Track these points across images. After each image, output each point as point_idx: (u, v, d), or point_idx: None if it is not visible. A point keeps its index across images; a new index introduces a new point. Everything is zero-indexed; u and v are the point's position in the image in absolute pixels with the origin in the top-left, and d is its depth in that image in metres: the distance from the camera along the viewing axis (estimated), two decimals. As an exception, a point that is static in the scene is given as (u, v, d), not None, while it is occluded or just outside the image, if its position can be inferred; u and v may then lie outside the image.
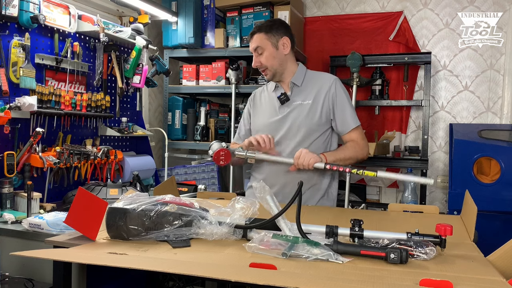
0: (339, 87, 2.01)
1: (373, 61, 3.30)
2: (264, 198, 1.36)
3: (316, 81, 2.04)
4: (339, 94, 2.00)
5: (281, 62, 2.00)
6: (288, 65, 2.03)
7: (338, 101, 1.99)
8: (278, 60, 1.99)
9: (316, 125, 1.99)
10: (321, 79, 2.05)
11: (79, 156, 2.42)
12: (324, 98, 1.99)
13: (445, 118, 3.42)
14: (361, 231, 1.31)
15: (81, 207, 1.37)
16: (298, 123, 2.00)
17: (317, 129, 1.99)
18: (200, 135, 3.38)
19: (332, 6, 3.66)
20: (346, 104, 2.00)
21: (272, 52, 1.98)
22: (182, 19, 3.24)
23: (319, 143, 2.00)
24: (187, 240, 1.33)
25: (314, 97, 2.00)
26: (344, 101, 2.00)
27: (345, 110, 1.99)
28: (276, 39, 1.98)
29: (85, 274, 1.37)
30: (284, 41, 1.99)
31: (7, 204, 2.02)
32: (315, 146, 1.98)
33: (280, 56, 2.00)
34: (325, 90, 2.00)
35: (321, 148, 1.99)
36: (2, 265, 1.79)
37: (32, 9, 2.16)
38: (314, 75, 2.08)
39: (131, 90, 2.89)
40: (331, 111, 1.99)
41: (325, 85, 2.01)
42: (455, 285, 0.96)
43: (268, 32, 1.98)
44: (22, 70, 2.13)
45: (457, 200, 2.75)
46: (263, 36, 1.98)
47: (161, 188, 1.83)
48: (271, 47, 1.98)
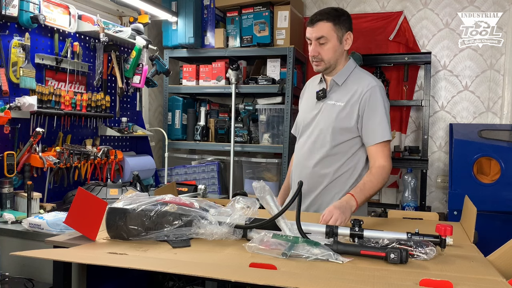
0: (376, 94, 1.83)
1: (373, 61, 3.30)
2: (264, 198, 1.36)
3: (356, 83, 1.88)
4: (373, 101, 1.82)
5: (336, 56, 1.88)
6: (341, 60, 1.91)
7: (370, 109, 1.82)
8: (338, 54, 1.88)
9: (343, 130, 1.85)
10: (361, 82, 1.88)
11: (79, 156, 2.42)
12: (356, 103, 1.84)
13: (445, 118, 3.42)
14: (361, 231, 1.31)
15: (81, 207, 1.38)
16: (324, 124, 1.89)
17: (344, 134, 1.86)
18: (200, 135, 3.38)
19: (332, 6, 3.66)
20: (378, 113, 1.82)
21: (335, 45, 1.86)
22: (182, 19, 3.24)
23: (343, 150, 1.88)
24: (187, 240, 1.33)
25: (348, 100, 1.86)
26: (376, 109, 1.82)
27: (375, 120, 1.82)
28: (342, 32, 1.86)
29: (85, 274, 1.37)
30: (348, 37, 1.88)
31: (7, 204, 2.02)
32: (337, 151, 1.88)
33: (341, 51, 1.88)
34: (359, 95, 1.84)
35: (344, 157, 1.88)
36: (2, 265, 1.79)
37: (32, 9, 2.16)
38: (358, 76, 1.91)
39: (131, 90, 2.88)
40: (361, 118, 1.84)
41: (361, 89, 1.85)
42: (455, 285, 0.96)
43: (336, 23, 1.84)
44: (22, 70, 2.13)
45: (457, 200, 2.75)
46: (331, 27, 1.83)
47: (161, 191, 1.83)
48: (336, 40, 1.85)
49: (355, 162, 1.89)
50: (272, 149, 3.25)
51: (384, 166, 1.79)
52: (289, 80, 3.11)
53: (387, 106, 1.87)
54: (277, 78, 3.25)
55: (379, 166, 1.79)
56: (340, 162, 1.88)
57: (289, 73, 3.12)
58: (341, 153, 1.88)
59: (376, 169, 1.79)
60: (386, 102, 1.88)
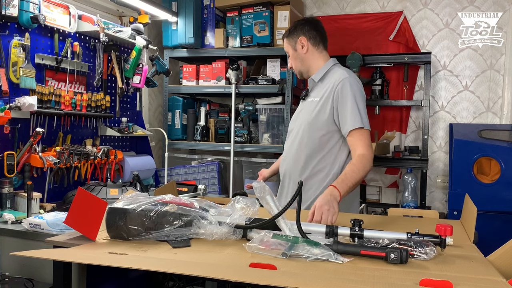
0: (346, 85, 1.89)
1: (373, 61, 3.29)
2: (264, 198, 1.36)
3: (332, 78, 1.97)
4: (345, 91, 1.89)
5: (302, 62, 2.05)
6: (312, 62, 2.04)
7: (342, 99, 1.89)
8: (299, 60, 2.06)
9: (319, 124, 1.94)
10: (335, 76, 1.97)
11: (79, 156, 2.42)
12: (330, 96, 1.92)
13: (445, 118, 3.42)
14: (361, 231, 1.31)
15: (81, 207, 1.38)
16: (303, 120, 2.01)
17: (321, 127, 1.94)
18: (200, 135, 3.38)
19: (332, 6, 3.66)
20: (348, 102, 1.87)
21: (293, 54, 2.07)
22: (182, 19, 3.24)
23: (324, 142, 1.95)
24: (187, 240, 1.33)
25: (322, 95, 1.96)
26: (347, 99, 1.88)
27: (346, 109, 1.87)
28: (294, 41, 2.04)
29: (85, 274, 1.37)
30: (301, 41, 2.02)
31: (7, 204, 2.02)
32: (318, 144, 1.95)
33: (300, 56, 2.05)
34: (332, 88, 1.93)
35: (326, 148, 1.95)
36: (2, 265, 1.79)
37: (32, 9, 2.16)
38: (333, 72, 2.01)
39: (131, 90, 2.88)
40: (336, 111, 1.91)
41: (334, 82, 1.93)
42: (455, 285, 0.96)
43: (287, 36, 2.07)
44: (22, 70, 2.13)
45: (457, 200, 2.75)
46: (286, 42, 2.08)
47: (161, 191, 1.83)
48: (292, 50, 2.06)
49: (334, 156, 1.95)
50: (272, 149, 3.25)
51: (364, 155, 1.81)
52: (289, 80, 3.11)
53: (359, 95, 1.91)
54: (277, 78, 3.25)
55: (358, 155, 1.82)
56: (320, 156, 1.96)
57: (289, 73, 3.12)
58: (321, 148, 1.95)
59: (356, 158, 1.83)
60: (358, 92, 1.92)
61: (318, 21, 2.11)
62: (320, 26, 2.08)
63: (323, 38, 2.06)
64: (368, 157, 1.81)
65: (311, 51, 2.03)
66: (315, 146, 1.96)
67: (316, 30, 2.04)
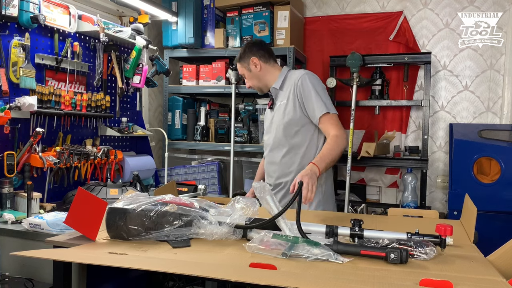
0: (306, 80, 2.09)
1: (373, 61, 3.29)
2: (264, 198, 1.36)
3: (291, 80, 2.15)
4: (305, 86, 2.07)
5: (259, 79, 2.24)
6: (268, 76, 2.22)
7: (304, 93, 2.07)
8: (255, 78, 2.25)
9: (293, 121, 2.10)
10: (293, 76, 2.15)
11: (79, 156, 2.42)
12: (294, 94, 2.10)
13: (445, 118, 3.42)
14: (361, 231, 1.31)
15: (81, 207, 1.38)
16: (278, 124, 2.16)
17: (296, 123, 2.10)
18: (200, 135, 3.38)
19: (332, 6, 3.66)
20: (311, 93, 2.06)
21: (249, 75, 2.25)
22: (182, 19, 3.24)
23: (303, 137, 2.11)
24: (187, 240, 1.33)
25: (288, 96, 2.13)
26: (309, 91, 2.07)
27: (311, 100, 2.06)
28: (247, 63, 2.23)
29: (85, 274, 1.37)
30: (254, 61, 2.21)
31: (7, 204, 2.02)
32: (298, 139, 2.11)
33: (256, 74, 2.23)
34: (294, 87, 2.11)
35: (307, 140, 2.10)
36: (2, 265, 1.79)
37: (32, 9, 2.16)
38: (290, 74, 2.19)
39: (131, 90, 2.88)
40: (303, 105, 2.08)
41: (294, 82, 2.12)
42: (455, 285, 0.96)
43: (240, 61, 2.26)
44: (22, 70, 2.13)
45: (457, 200, 2.75)
46: (239, 65, 2.27)
47: (161, 191, 1.83)
48: (247, 71, 2.25)
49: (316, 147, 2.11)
50: (272, 149, 3.24)
51: (337, 135, 1.99)
52: (289, 80, 3.11)
53: (319, 86, 2.11)
54: (277, 78, 3.24)
55: (332, 136, 2.00)
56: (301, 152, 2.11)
57: (289, 73, 3.12)
58: (299, 143, 2.11)
59: (330, 138, 2.00)
60: (318, 83, 2.12)
61: (262, 41, 2.36)
62: (265, 44, 2.29)
63: (271, 54, 2.26)
64: (341, 137, 1.99)
65: (264, 67, 2.22)
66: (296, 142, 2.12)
67: (263, 49, 2.23)
